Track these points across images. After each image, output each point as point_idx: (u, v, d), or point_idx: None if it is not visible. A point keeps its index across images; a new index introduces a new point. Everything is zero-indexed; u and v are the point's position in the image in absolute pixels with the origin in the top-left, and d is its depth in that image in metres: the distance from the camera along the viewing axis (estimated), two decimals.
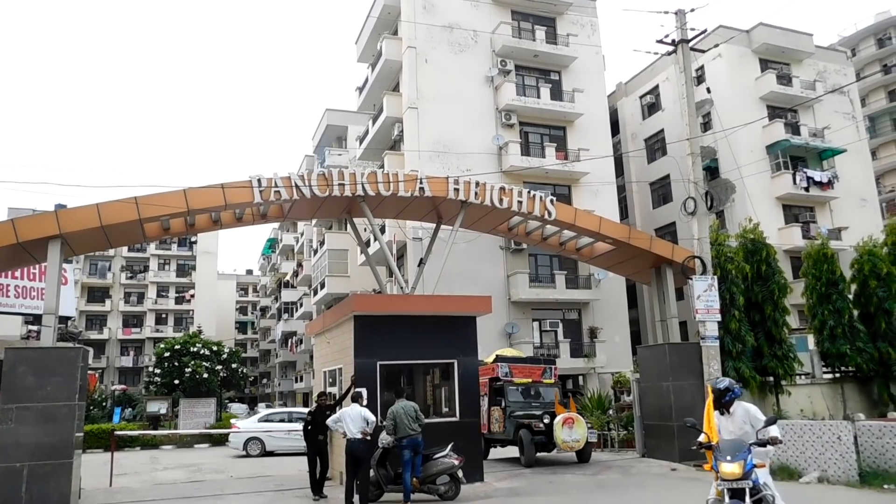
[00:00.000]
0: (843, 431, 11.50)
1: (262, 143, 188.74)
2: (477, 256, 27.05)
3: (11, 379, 10.66)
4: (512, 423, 15.72)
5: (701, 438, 6.94)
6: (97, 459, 17.78)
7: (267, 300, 77.88)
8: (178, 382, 28.19)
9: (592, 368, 28.62)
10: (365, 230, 22.53)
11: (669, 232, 33.41)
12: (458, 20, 30.65)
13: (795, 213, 33.35)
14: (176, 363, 28.48)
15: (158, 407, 27.57)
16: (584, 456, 15.35)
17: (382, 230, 26.79)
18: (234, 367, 31.21)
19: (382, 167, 29.20)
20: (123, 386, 49.77)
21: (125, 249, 63.97)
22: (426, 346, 13.14)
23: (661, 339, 17.04)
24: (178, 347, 28.96)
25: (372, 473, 11.04)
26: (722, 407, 6.84)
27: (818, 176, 33.04)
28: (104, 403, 32.73)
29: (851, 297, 18.48)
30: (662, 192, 36.21)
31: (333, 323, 14.51)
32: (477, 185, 14.38)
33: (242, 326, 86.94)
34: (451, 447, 11.38)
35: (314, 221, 43.75)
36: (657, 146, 36.78)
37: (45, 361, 10.89)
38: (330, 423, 11.37)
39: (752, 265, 17.07)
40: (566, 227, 15.75)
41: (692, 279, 14.68)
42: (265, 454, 21.36)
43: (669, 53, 16.21)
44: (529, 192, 15.10)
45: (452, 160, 28.33)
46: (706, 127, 31.00)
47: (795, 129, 33.58)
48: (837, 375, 18.32)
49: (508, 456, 16.83)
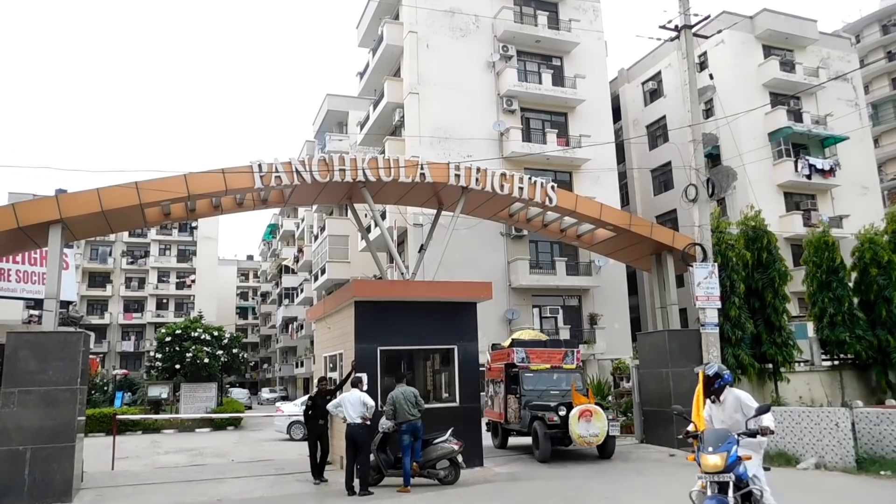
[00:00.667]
0: (840, 418, 11.55)
1: (262, 128, 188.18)
2: (477, 243, 27.05)
3: (13, 363, 10.71)
4: (527, 413, 14.41)
5: (690, 427, 6.58)
6: (99, 443, 17.89)
7: (267, 286, 77.99)
8: (179, 367, 28.25)
9: (592, 355, 28.70)
10: (366, 216, 22.52)
11: (670, 219, 33.37)
12: (459, 5, 30.45)
13: (797, 200, 33.28)
14: (177, 348, 28.53)
15: (160, 391, 27.68)
16: (605, 451, 13.79)
17: (383, 216, 26.77)
18: (234, 352, 31.22)
19: (383, 153, 29.13)
20: (125, 370, 49.97)
21: (126, 235, 63.99)
22: (426, 331, 13.18)
23: (660, 325, 17.06)
24: (178, 332, 28.98)
25: (372, 458, 11.11)
26: (712, 394, 6.52)
27: (820, 163, 32.93)
28: (106, 388, 32.87)
29: (852, 284, 18.48)
30: (664, 178, 36.12)
31: (334, 308, 14.54)
32: (478, 171, 14.35)
33: (243, 312, 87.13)
34: (450, 432, 11.46)
35: (315, 207, 43.69)
36: (659, 133, 36.64)
37: (46, 346, 10.93)
38: (330, 407, 11.44)
39: (752, 252, 17.06)
40: (567, 213, 15.73)
41: (693, 266, 14.67)
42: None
43: (672, 39, 16.09)
44: (530, 178, 15.07)
45: (453, 146, 28.25)
46: (708, 114, 30.87)
47: (798, 116, 33.44)
48: (836, 363, 18.38)
49: (527, 443, 15.74)
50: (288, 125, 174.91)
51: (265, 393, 57.45)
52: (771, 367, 16.87)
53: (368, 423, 10.76)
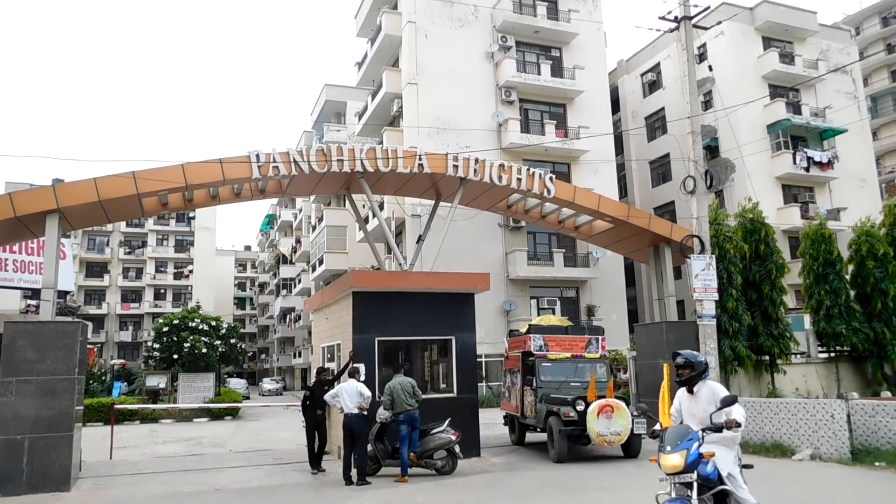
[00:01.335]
0: (836, 410, 11.61)
1: (260, 118, 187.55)
2: (475, 234, 27.04)
3: (11, 352, 10.71)
4: (543, 407, 13.08)
5: (657, 427, 5.89)
6: (97, 433, 17.92)
7: (265, 276, 78.03)
8: (176, 357, 28.28)
9: None
10: (364, 207, 22.52)
11: (668, 211, 33.39)
12: None
13: (795, 193, 33.30)
14: (175, 338, 28.55)
15: (157, 381, 27.69)
16: (631, 451, 12.45)
17: (381, 207, 26.75)
18: (232, 342, 31.26)
19: (381, 143, 29.06)
20: (122, 360, 49.95)
21: (123, 225, 63.89)
22: (424, 322, 13.21)
23: (658, 317, 17.09)
24: (176, 322, 28.99)
25: (370, 448, 11.15)
26: (684, 384, 5.87)
27: (818, 156, 32.94)
28: (104, 378, 32.90)
29: (848, 277, 18.53)
30: (662, 170, 36.10)
31: (332, 299, 14.55)
32: (476, 161, 14.31)
33: (241, 302, 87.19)
34: (448, 422, 11.50)
35: (313, 198, 43.65)
36: (657, 124, 36.59)
37: (44, 335, 10.92)
38: (328, 398, 11.46)
39: (750, 245, 17.09)
40: (565, 204, 15.72)
41: (690, 258, 14.68)
42: None
43: (672, 30, 16.02)
44: (529, 169, 15.04)
45: (452, 136, 28.20)
46: (707, 105, 30.81)
47: (797, 108, 33.39)
48: (832, 355, 18.45)
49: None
50: (286, 115, 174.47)
51: (266, 383, 54.36)
52: (767, 358, 16.94)
53: (365, 413, 10.79)
